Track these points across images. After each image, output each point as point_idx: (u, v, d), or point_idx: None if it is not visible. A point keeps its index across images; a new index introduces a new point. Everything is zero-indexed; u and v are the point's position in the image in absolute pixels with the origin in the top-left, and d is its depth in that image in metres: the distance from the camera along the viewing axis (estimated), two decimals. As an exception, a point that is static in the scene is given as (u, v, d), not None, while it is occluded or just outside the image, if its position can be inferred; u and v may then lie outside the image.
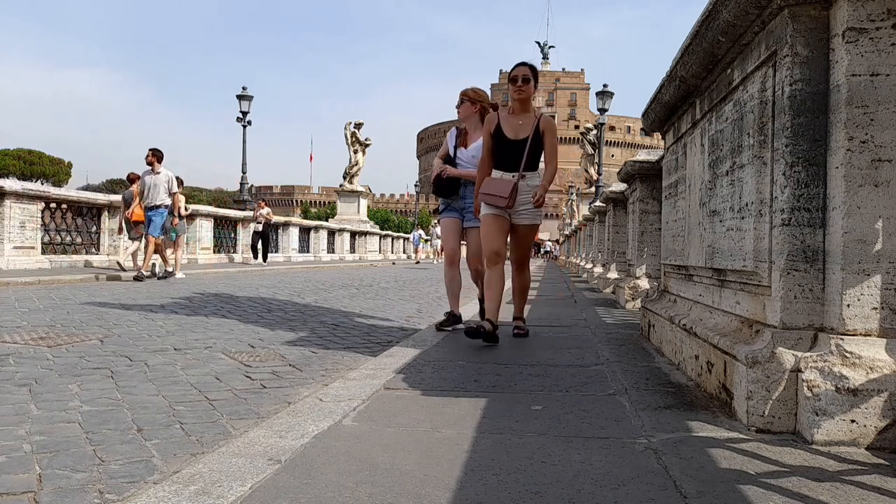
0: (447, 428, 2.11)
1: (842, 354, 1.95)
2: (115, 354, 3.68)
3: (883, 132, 1.94)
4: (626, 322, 5.36)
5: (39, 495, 1.68)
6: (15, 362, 3.36)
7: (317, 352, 4.00)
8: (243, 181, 22.24)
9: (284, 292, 8.72)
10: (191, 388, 2.95)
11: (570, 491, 1.57)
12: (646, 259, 6.71)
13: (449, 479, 1.64)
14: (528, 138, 3.98)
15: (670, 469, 1.73)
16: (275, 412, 2.47)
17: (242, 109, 21.75)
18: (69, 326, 4.72)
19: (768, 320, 2.20)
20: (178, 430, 2.31)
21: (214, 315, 5.80)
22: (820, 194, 2.08)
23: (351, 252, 28.54)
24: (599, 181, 22.78)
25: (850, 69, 1.95)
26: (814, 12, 2.05)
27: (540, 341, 4.11)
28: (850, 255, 1.97)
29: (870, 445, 1.90)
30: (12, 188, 10.78)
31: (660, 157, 5.66)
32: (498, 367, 3.17)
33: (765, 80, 2.25)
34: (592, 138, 28.68)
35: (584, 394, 2.62)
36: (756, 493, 1.57)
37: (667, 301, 3.80)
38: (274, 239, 20.57)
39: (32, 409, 2.50)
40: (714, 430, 2.10)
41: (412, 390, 2.65)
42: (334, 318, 5.86)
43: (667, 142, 4.09)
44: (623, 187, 8.20)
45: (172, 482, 1.58)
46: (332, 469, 1.71)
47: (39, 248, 11.44)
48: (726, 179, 2.65)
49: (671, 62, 3.24)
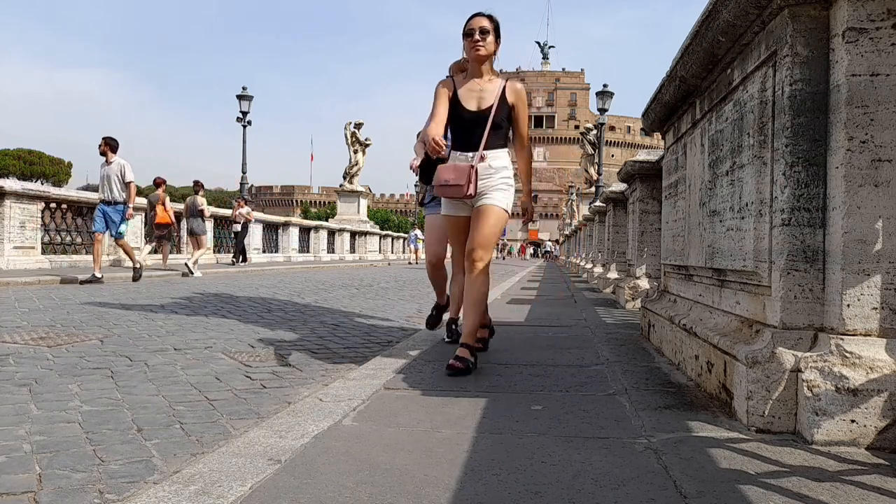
0: (447, 428, 2.11)
1: (842, 354, 1.95)
2: (115, 354, 3.68)
3: (883, 132, 1.94)
4: (626, 322, 5.36)
5: (39, 495, 1.68)
6: (15, 362, 3.36)
7: (317, 352, 4.00)
8: (243, 181, 22.23)
9: (284, 292, 8.72)
10: (191, 388, 2.95)
11: (570, 491, 1.57)
12: (646, 259, 6.71)
13: (449, 479, 1.64)
14: (490, 109, 3.22)
15: (670, 469, 1.73)
16: (275, 412, 2.47)
17: (242, 109, 21.75)
18: (69, 326, 4.72)
19: (768, 320, 2.20)
20: (178, 430, 2.31)
21: (214, 315, 5.80)
22: (820, 194, 2.08)
23: (351, 252, 28.55)
24: (599, 181, 22.79)
25: (850, 69, 1.95)
26: (814, 12, 2.05)
27: (540, 341, 4.11)
28: (850, 255, 1.97)
29: (870, 445, 1.90)
30: (12, 188, 10.79)
31: (660, 157, 5.66)
32: (498, 367, 3.17)
33: (765, 80, 2.25)
34: (592, 138, 28.70)
35: (584, 394, 2.62)
36: (756, 493, 1.57)
37: (667, 301, 3.80)
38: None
39: (32, 409, 2.50)
40: (714, 430, 2.10)
41: (412, 390, 2.65)
42: (334, 318, 5.86)
43: (667, 142, 4.09)
44: (623, 187, 8.20)
45: (172, 482, 1.58)
46: (332, 469, 1.71)
47: (39, 248, 11.45)
48: (726, 179, 2.65)
49: (671, 62, 3.24)
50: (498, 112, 3.22)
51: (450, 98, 3.27)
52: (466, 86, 3.27)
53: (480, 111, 3.22)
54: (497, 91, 3.25)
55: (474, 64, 3.25)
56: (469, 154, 3.22)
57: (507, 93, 3.26)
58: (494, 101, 3.22)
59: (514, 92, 3.28)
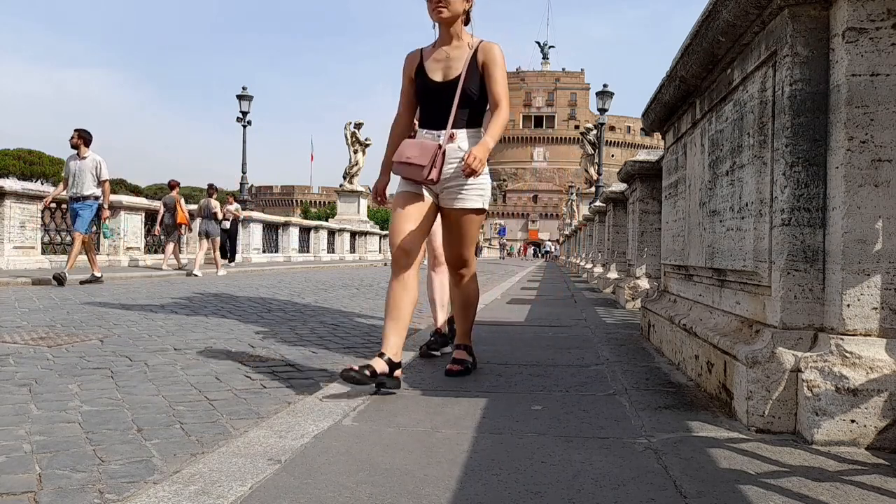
0: (447, 428, 2.11)
1: (842, 354, 1.95)
2: (115, 354, 3.68)
3: (883, 132, 1.94)
4: (626, 322, 5.36)
5: (39, 495, 1.68)
6: (15, 362, 3.36)
7: (317, 352, 4.00)
8: (243, 181, 22.23)
9: (284, 292, 8.72)
10: (191, 388, 2.95)
11: (570, 491, 1.57)
12: (646, 259, 6.71)
13: (449, 479, 1.64)
14: (458, 79, 2.76)
15: (670, 469, 1.73)
16: (275, 412, 2.47)
17: (242, 109, 21.74)
18: (69, 326, 4.72)
19: (768, 320, 2.20)
20: (178, 430, 2.31)
21: (214, 315, 5.80)
22: (820, 194, 2.08)
23: (351, 252, 28.55)
24: (599, 181, 22.79)
25: (850, 69, 1.95)
26: (814, 12, 2.05)
27: (540, 341, 4.11)
28: (850, 255, 1.97)
29: (870, 445, 1.90)
30: (12, 188, 10.80)
31: (660, 157, 5.66)
32: (498, 367, 3.17)
33: (765, 80, 2.25)
34: (592, 138, 28.69)
35: (584, 394, 2.62)
36: (756, 493, 1.57)
37: (667, 301, 3.80)
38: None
39: (32, 409, 2.50)
40: (714, 430, 2.10)
41: (412, 390, 2.65)
42: (334, 318, 5.86)
43: (667, 142, 4.09)
44: (623, 187, 8.20)
45: (172, 482, 1.58)
46: (332, 469, 1.71)
47: (39, 248, 11.46)
48: (726, 179, 2.65)
49: (671, 62, 3.24)
50: (467, 81, 2.75)
51: (415, 71, 2.87)
52: (433, 55, 2.84)
53: (447, 81, 2.77)
54: (466, 57, 2.78)
55: (441, 28, 2.83)
56: (437, 133, 2.76)
57: (479, 57, 2.78)
58: (463, 68, 2.76)
59: (484, 51, 2.80)
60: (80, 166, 8.66)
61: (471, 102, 2.78)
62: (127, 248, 13.90)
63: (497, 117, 2.77)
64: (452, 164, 2.75)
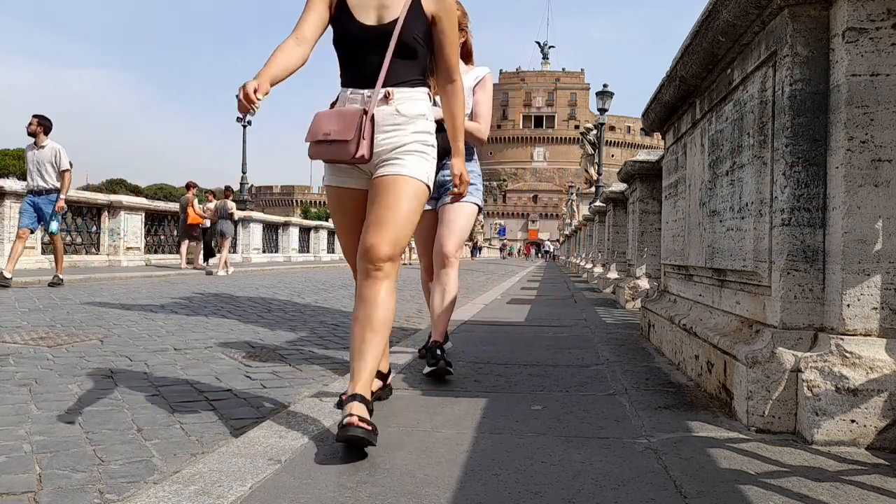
0: (447, 428, 2.11)
1: (842, 354, 1.95)
2: (116, 354, 3.68)
3: (883, 132, 1.95)
4: (626, 322, 5.36)
5: (39, 495, 1.68)
6: (15, 362, 3.36)
7: (317, 352, 4.00)
8: (243, 181, 22.25)
9: (284, 292, 8.72)
10: (191, 388, 2.95)
11: (570, 491, 1.57)
12: (646, 259, 6.71)
13: (449, 479, 1.64)
14: (395, 22, 2.06)
15: (670, 469, 1.73)
16: (275, 412, 2.47)
17: (242, 109, 21.72)
18: (69, 326, 4.72)
19: (768, 320, 2.21)
20: (178, 430, 2.31)
21: (214, 315, 5.80)
22: (820, 194, 2.08)
23: (351, 252, 28.53)
24: (599, 181, 22.79)
25: (850, 69, 1.95)
26: (814, 12, 2.06)
27: (540, 341, 4.11)
28: (850, 255, 1.97)
29: (870, 445, 1.91)
30: (12, 188, 10.80)
31: (660, 157, 5.67)
32: (498, 367, 3.17)
33: (765, 80, 2.25)
34: (592, 138, 28.72)
35: (584, 394, 2.62)
36: (756, 493, 1.57)
37: (667, 301, 3.80)
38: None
39: (32, 409, 2.50)
40: (714, 430, 2.10)
41: (412, 390, 2.65)
42: (334, 318, 5.86)
43: (667, 142, 4.09)
44: (623, 187, 8.20)
45: (172, 482, 1.58)
46: (332, 469, 1.71)
47: (39, 248, 11.45)
48: (726, 179, 2.65)
49: (671, 62, 3.24)
50: (408, 26, 2.07)
51: (333, 6, 2.12)
52: None
53: (381, 26, 2.08)
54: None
55: None
56: (364, 92, 2.09)
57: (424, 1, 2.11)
58: (403, 9, 2.07)
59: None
60: (38, 156, 7.97)
61: (409, 54, 2.10)
62: (127, 248, 13.90)
63: (454, 98, 2.25)
64: (389, 134, 2.07)
